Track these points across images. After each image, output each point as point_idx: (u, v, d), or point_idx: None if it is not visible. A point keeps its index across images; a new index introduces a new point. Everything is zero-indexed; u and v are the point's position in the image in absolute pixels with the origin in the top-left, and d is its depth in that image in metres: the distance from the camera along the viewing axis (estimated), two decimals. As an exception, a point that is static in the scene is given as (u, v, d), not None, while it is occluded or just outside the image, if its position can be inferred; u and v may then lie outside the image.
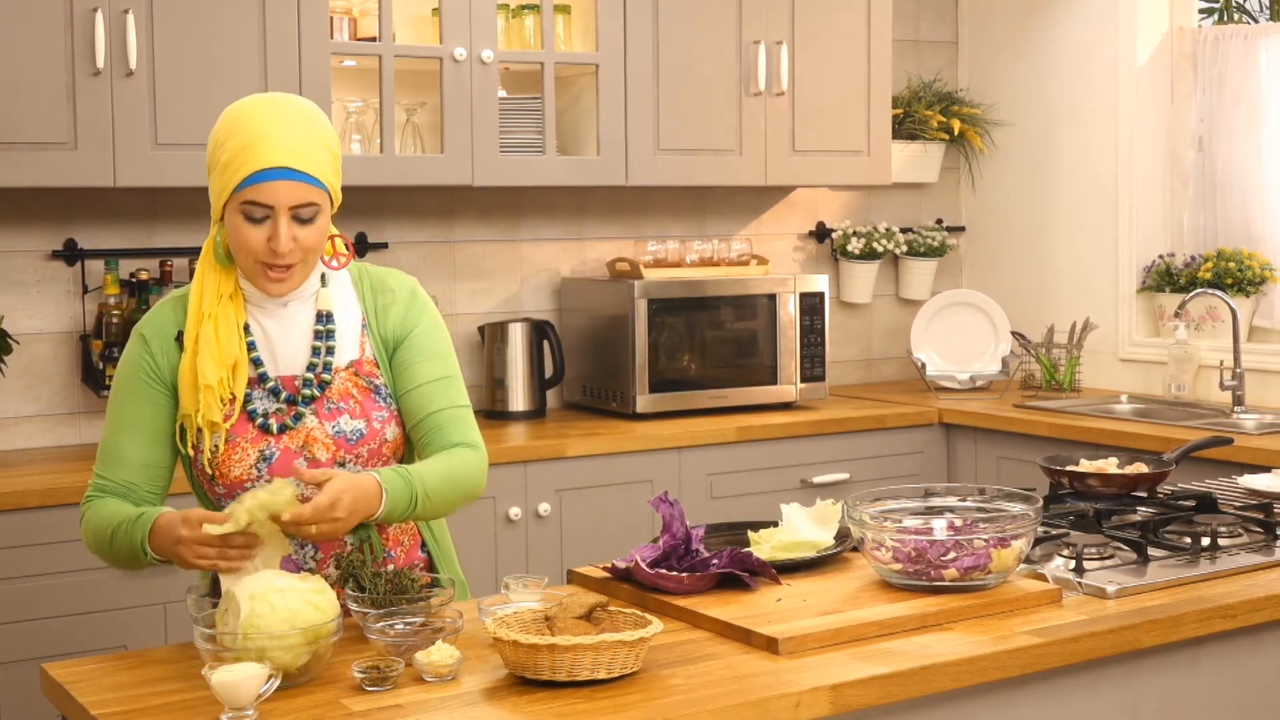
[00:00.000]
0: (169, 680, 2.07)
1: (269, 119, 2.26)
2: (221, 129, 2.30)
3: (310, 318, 2.40)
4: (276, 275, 2.31)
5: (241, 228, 2.28)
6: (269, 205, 2.26)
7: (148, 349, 2.37)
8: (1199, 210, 5.01)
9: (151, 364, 2.36)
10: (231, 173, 2.25)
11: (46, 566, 3.51)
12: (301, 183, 2.27)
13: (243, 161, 2.24)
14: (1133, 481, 2.97)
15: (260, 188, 2.25)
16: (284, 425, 2.34)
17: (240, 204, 2.26)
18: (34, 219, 4.06)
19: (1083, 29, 5.16)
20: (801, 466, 4.48)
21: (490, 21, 4.24)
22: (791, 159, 4.75)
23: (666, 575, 2.41)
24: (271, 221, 2.27)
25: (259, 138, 2.24)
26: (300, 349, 2.39)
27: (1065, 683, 2.26)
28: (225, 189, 2.27)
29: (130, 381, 2.38)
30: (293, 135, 2.26)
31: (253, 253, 2.29)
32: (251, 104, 2.30)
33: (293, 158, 2.25)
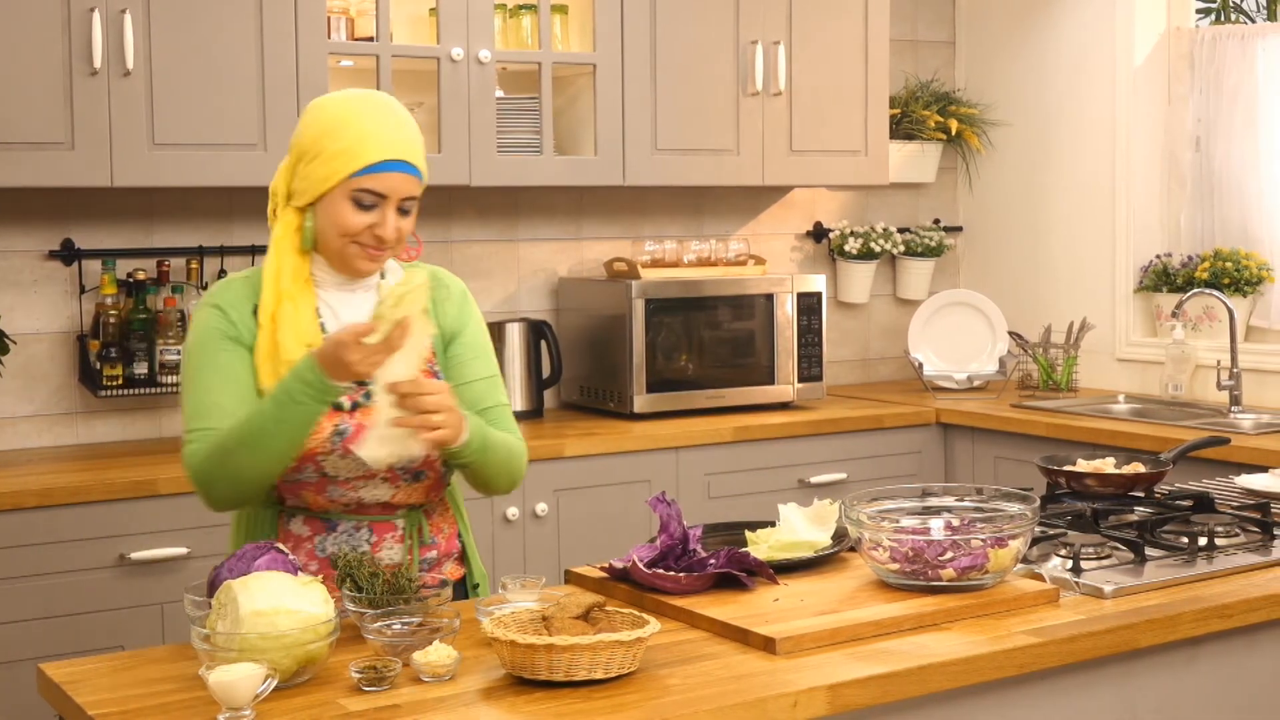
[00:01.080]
0: (166, 680, 2.07)
1: (382, 113, 2.42)
2: (326, 119, 2.42)
3: (370, 303, 2.47)
4: (373, 254, 2.44)
5: (347, 212, 2.40)
6: (382, 194, 2.40)
7: (227, 317, 2.44)
8: (1196, 210, 5.02)
9: (233, 329, 2.43)
10: (346, 160, 2.38)
11: (43, 567, 3.51)
12: (411, 176, 2.42)
13: (361, 150, 2.38)
14: (1130, 481, 2.97)
15: (378, 177, 2.39)
16: (356, 403, 2.44)
17: (353, 190, 2.39)
18: (31, 219, 4.06)
19: (1080, 29, 5.16)
20: (799, 466, 4.48)
21: (487, 21, 4.24)
22: (789, 159, 4.75)
23: (664, 575, 2.41)
24: (379, 210, 2.41)
25: (377, 130, 2.39)
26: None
27: (1062, 682, 2.26)
28: (335, 175, 2.38)
29: (213, 343, 2.43)
30: (405, 131, 2.43)
31: (353, 235, 2.41)
32: (357, 98, 2.45)
33: (407, 152, 2.41)
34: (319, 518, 2.51)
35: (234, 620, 2.03)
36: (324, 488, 2.47)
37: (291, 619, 2.02)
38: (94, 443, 4.14)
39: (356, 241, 2.42)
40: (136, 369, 4.01)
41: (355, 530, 2.51)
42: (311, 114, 2.45)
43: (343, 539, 2.50)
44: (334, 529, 2.51)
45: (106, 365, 3.97)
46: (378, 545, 2.52)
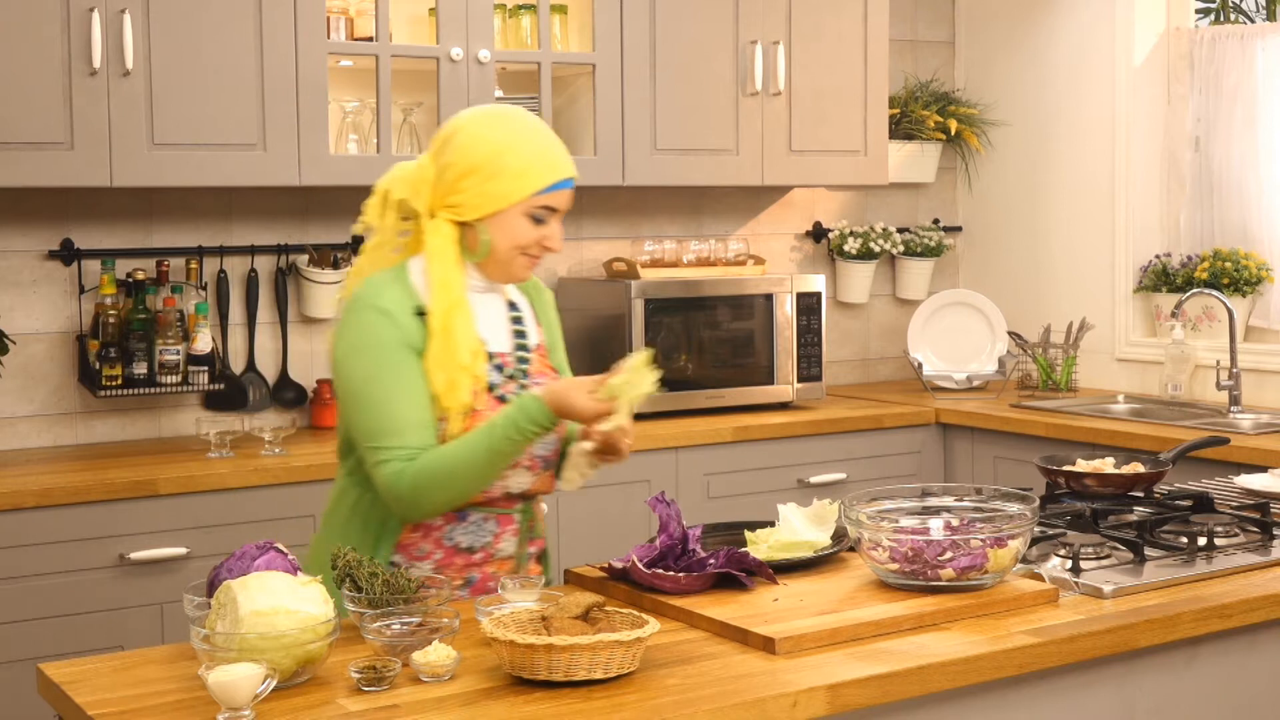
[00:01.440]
0: (166, 680, 2.07)
1: (548, 132, 2.58)
2: (500, 138, 2.52)
3: (502, 305, 2.65)
4: (535, 262, 2.61)
5: (523, 227, 2.54)
6: (557, 209, 2.57)
7: (394, 321, 2.49)
8: (1195, 210, 5.02)
9: (402, 335, 2.49)
10: (532, 178, 2.52)
11: (43, 567, 3.51)
12: (573, 190, 2.60)
13: (545, 169, 2.53)
14: (1129, 481, 2.97)
15: (559, 194, 2.56)
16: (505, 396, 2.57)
17: (533, 207, 2.54)
18: (30, 219, 4.06)
19: (1079, 29, 5.16)
20: (798, 466, 4.48)
21: (487, 21, 4.24)
22: (788, 159, 4.75)
23: (663, 575, 2.41)
24: (550, 223, 2.57)
25: (551, 148, 2.56)
26: (501, 331, 2.63)
27: (1062, 682, 2.26)
28: (518, 193, 2.52)
29: (388, 352, 2.48)
30: (564, 148, 2.60)
31: (526, 247, 2.56)
32: (515, 117, 2.57)
33: (572, 168, 2.59)
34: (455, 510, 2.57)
35: (233, 620, 2.03)
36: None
37: (291, 619, 2.02)
38: (93, 443, 4.14)
39: (526, 253, 2.57)
40: (136, 369, 4.01)
41: (484, 521, 2.59)
42: (476, 131, 2.54)
43: (471, 529, 2.58)
44: (464, 519, 2.57)
45: (106, 365, 3.97)
46: (499, 536, 2.60)
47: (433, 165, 2.55)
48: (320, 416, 4.35)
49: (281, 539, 2.51)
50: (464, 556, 2.58)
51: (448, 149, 2.54)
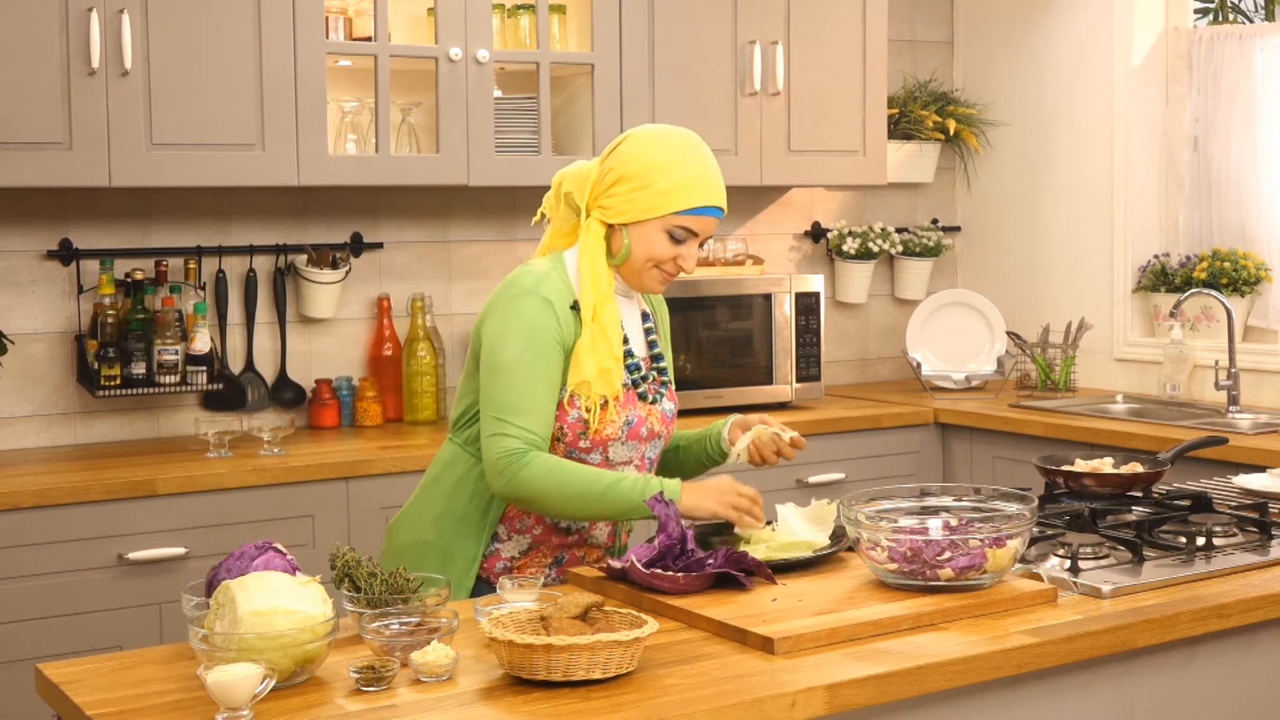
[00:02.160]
0: (164, 680, 2.07)
1: (706, 160, 2.68)
2: (659, 154, 2.65)
3: (637, 313, 2.81)
4: (668, 279, 2.71)
5: (661, 241, 2.66)
6: (695, 232, 2.67)
7: (554, 313, 2.62)
8: (1194, 210, 5.02)
9: (559, 329, 2.62)
10: (677, 197, 2.63)
11: (41, 567, 3.51)
12: (718, 220, 2.70)
13: (692, 192, 2.64)
14: (1128, 481, 2.97)
15: (700, 219, 2.66)
16: (655, 397, 2.75)
17: (673, 225, 2.65)
18: (29, 219, 4.06)
19: (1078, 29, 5.16)
20: (797, 466, 4.48)
21: (485, 21, 4.24)
22: (787, 159, 4.75)
23: (662, 575, 2.41)
24: (688, 244, 2.68)
25: (704, 174, 2.66)
26: (637, 336, 2.78)
27: (1060, 682, 2.26)
28: (661, 209, 2.64)
29: (547, 341, 2.61)
30: (720, 179, 2.69)
31: (657, 261, 2.67)
32: (685, 139, 2.69)
33: (722, 199, 2.69)
34: None
35: (232, 620, 2.03)
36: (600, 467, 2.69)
37: (289, 619, 2.02)
38: (92, 443, 4.14)
39: (660, 267, 2.68)
40: (134, 369, 4.01)
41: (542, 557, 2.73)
42: (641, 144, 2.67)
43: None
44: None
45: (104, 365, 3.97)
46: (596, 524, 2.75)
47: (598, 167, 2.70)
48: (319, 417, 4.35)
49: (280, 539, 2.52)
50: (561, 536, 2.73)
51: (614, 154, 2.69)
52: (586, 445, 2.67)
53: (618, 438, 2.69)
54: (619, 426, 2.68)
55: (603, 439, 2.67)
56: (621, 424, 2.68)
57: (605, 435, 2.67)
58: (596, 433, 2.66)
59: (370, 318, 4.51)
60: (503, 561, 2.71)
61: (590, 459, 2.68)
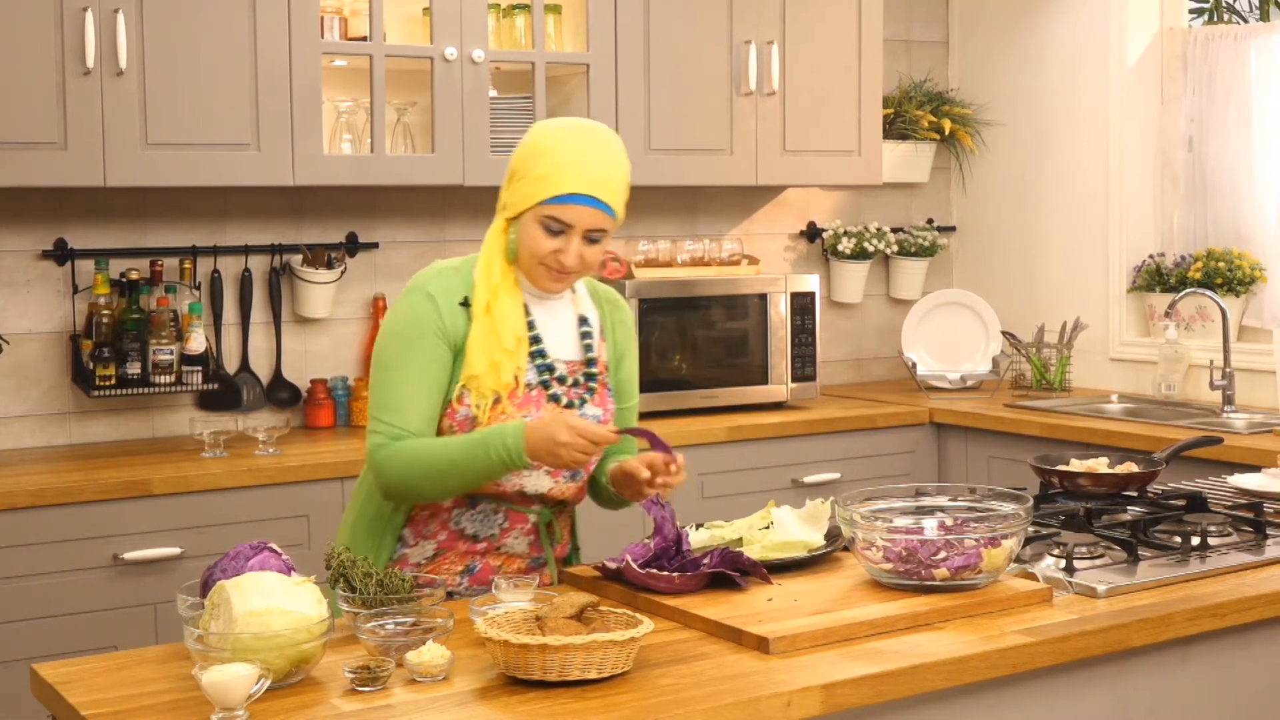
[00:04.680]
0: (159, 680, 2.07)
1: (586, 147, 2.55)
2: (538, 142, 2.57)
3: (572, 315, 2.69)
4: (557, 276, 2.58)
5: (537, 235, 2.54)
6: (568, 224, 2.52)
7: (437, 309, 2.55)
8: (1189, 210, 5.02)
9: (440, 324, 2.54)
10: (543, 186, 2.52)
11: (36, 567, 3.50)
12: (598, 210, 2.54)
13: (556, 180, 2.51)
14: (1123, 481, 2.98)
15: (565, 208, 2.52)
16: (570, 404, 2.62)
17: (542, 216, 2.53)
18: (24, 218, 4.06)
19: (1073, 29, 5.17)
20: (792, 466, 4.49)
21: (481, 21, 4.24)
22: (782, 159, 4.75)
23: (657, 575, 2.41)
24: (565, 237, 2.53)
25: (575, 163, 2.52)
26: (568, 341, 2.67)
27: (1056, 682, 2.26)
28: (532, 198, 2.53)
29: (422, 335, 2.54)
30: (602, 167, 2.55)
31: (538, 257, 2.55)
32: (571, 127, 2.59)
33: (597, 188, 2.53)
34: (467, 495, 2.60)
35: (227, 620, 2.03)
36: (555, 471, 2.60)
37: (285, 619, 2.02)
38: (87, 443, 4.13)
39: (543, 263, 2.56)
40: (129, 369, 4.01)
41: (493, 512, 2.62)
42: (529, 134, 2.61)
43: (479, 518, 2.62)
44: (474, 505, 2.61)
45: (99, 365, 3.97)
46: (507, 532, 2.63)
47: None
48: (314, 416, 4.35)
49: (275, 539, 2.51)
50: (467, 543, 2.62)
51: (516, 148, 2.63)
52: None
53: None
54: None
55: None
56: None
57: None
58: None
59: (366, 317, 4.51)
60: (409, 567, 2.62)
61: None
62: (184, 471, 3.68)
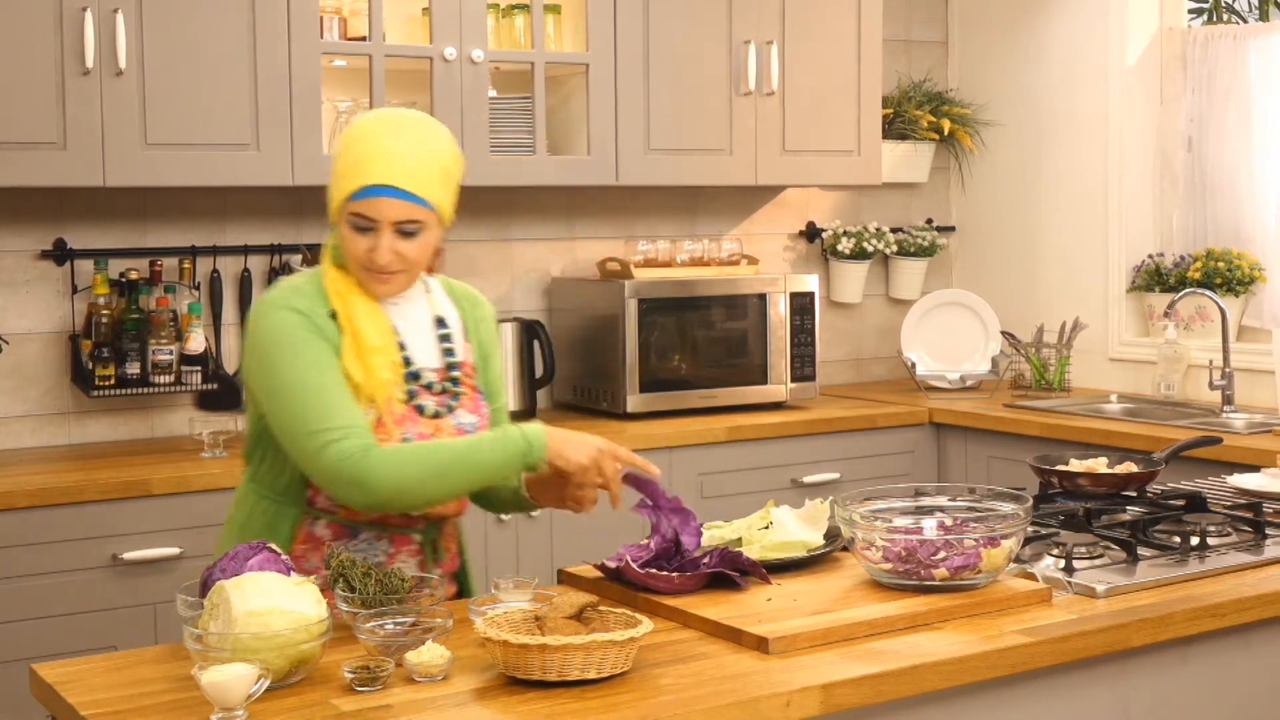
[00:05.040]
0: (159, 680, 2.07)
1: (387, 136, 2.41)
2: (345, 138, 2.45)
3: (428, 317, 2.56)
4: (379, 279, 2.44)
5: (349, 236, 2.42)
6: (374, 219, 2.40)
7: (309, 319, 2.41)
8: (1188, 210, 5.02)
9: (320, 331, 2.41)
10: (345, 183, 2.41)
11: (35, 567, 3.50)
12: (404, 201, 2.39)
13: (355, 174, 2.40)
14: (1122, 481, 2.98)
15: (367, 202, 2.39)
16: (436, 412, 2.48)
17: (349, 214, 2.41)
18: (24, 218, 4.06)
19: (1073, 29, 5.16)
20: (792, 466, 4.49)
21: (480, 21, 4.24)
22: (782, 159, 4.75)
23: (657, 575, 2.41)
24: (375, 233, 2.40)
25: (374, 155, 2.39)
26: (426, 345, 2.54)
27: (1055, 682, 2.26)
28: (338, 197, 2.43)
29: (308, 346, 2.39)
30: (405, 155, 2.40)
31: (356, 258, 2.43)
32: (377, 119, 2.46)
33: (401, 178, 2.39)
34: (343, 524, 2.49)
35: (226, 620, 2.03)
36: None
37: (284, 619, 2.02)
38: (86, 443, 4.13)
39: (363, 266, 2.43)
40: (129, 369, 4.01)
41: (376, 539, 2.51)
42: (343, 134, 2.49)
43: (362, 547, 2.49)
44: (355, 535, 2.50)
45: (99, 365, 3.97)
46: (393, 558, 2.52)
47: None
48: (314, 416, 4.34)
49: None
50: None
51: None
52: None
53: None
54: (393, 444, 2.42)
55: None
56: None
57: None
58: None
59: (365, 318, 4.50)
60: None
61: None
62: (183, 471, 3.68)
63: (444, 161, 2.47)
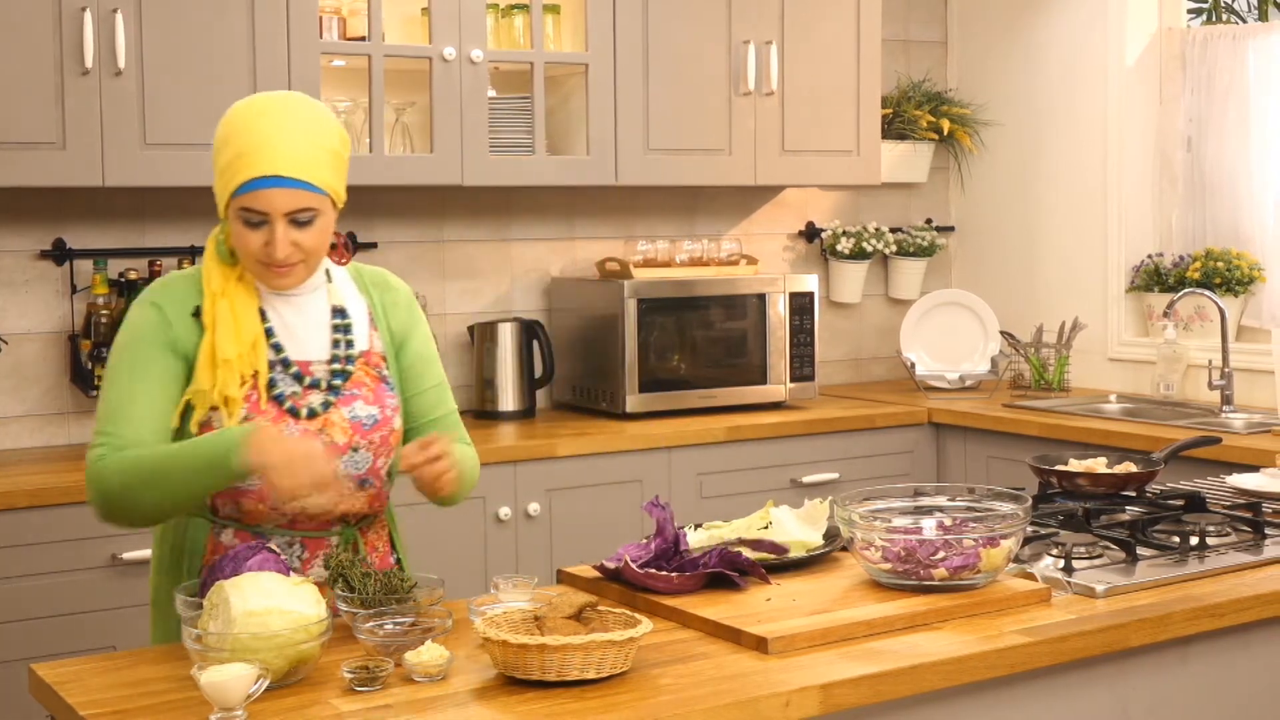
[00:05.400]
0: (158, 680, 2.07)
1: (268, 125, 2.30)
2: (223, 130, 2.36)
3: (325, 309, 2.46)
4: (279, 272, 2.35)
5: (241, 231, 2.33)
6: (264, 212, 2.30)
7: (164, 317, 2.36)
8: (1187, 210, 5.02)
9: (168, 332, 2.35)
10: (229, 177, 2.32)
11: (35, 567, 3.50)
12: (297, 189, 2.30)
13: (239, 168, 2.30)
14: (1121, 481, 2.98)
15: (256, 195, 2.29)
16: (311, 410, 2.38)
17: (238, 209, 2.32)
18: (23, 218, 4.06)
19: (1072, 29, 5.17)
20: (791, 466, 4.49)
21: (479, 21, 4.24)
22: (781, 159, 4.75)
23: (656, 575, 2.41)
24: (268, 227, 2.31)
25: (257, 145, 2.29)
26: (318, 338, 2.44)
27: (1054, 682, 2.26)
28: (223, 193, 2.34)
29: (144, 342, 2.35)
30: (291, 142, 2.30)
31: (252, 254, 2.34)
32: (253, 107, 2.35)
33: (288, 166, 2.29)
34: (251, 530, 2.41)
35: (225, 620, 2.03)
36: (265, 495, 2.34)
37: (283, 619, 2.02)
38: (85, 443, 4.11)
39: (258, 260, 2.34)
40: (128, 369, 4.00)
41: (288, 546, 2.41)
42: (221, 122, 2.38)
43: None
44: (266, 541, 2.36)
45: (98, 365, 3.96)
46: (308, 563, 2.43)
47: None
48: (313, 416, 4.34)
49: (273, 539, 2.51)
50: None
51: None
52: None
53: None
54: None
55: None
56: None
57: None
58: None
59: (364, 318, 4.50)
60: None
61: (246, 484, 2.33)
62: (183, 471, 3.67)
63: (331, 144, 2.36)
